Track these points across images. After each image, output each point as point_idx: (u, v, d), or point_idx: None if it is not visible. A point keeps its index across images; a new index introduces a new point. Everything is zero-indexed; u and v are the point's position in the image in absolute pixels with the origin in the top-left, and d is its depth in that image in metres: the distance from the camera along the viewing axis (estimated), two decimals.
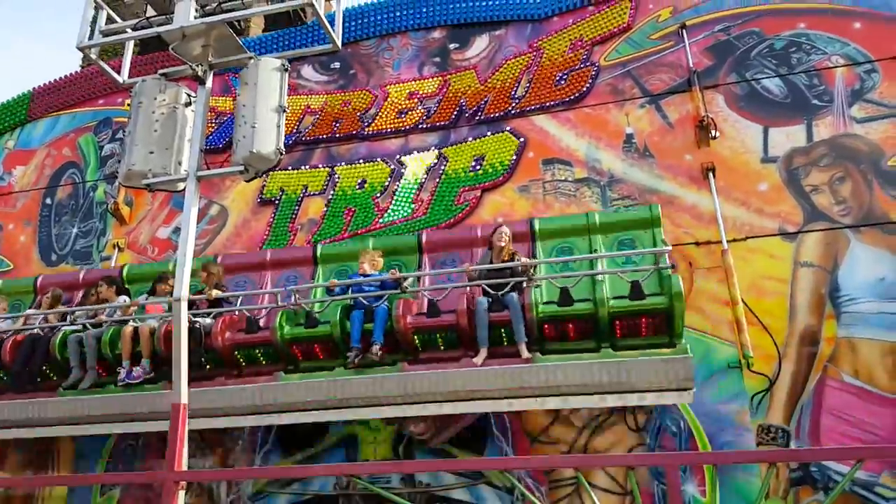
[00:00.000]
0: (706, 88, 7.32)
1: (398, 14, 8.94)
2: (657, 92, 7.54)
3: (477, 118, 8.08)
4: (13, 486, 7.31)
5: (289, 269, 7.20)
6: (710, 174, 6.95)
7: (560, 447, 6.31)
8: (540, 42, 8.19)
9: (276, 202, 8.42)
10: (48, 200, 9.60)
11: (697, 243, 6.79)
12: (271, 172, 8.26)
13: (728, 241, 6.65)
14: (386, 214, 7.89)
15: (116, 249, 8.78)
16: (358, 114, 8.62)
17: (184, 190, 4.70)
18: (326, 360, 6.24)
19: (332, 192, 8.21)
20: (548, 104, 7.84)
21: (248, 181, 4.97)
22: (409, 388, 5.71)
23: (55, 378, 6.82)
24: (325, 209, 8.14)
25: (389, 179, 8.07)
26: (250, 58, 4.72)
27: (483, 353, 5.67)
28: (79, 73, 10.61)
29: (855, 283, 6.34)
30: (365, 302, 6.05)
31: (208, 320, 6.28)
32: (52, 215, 9.46)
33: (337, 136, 8.58)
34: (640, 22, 7.89)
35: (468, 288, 6.05)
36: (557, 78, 7.92)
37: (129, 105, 9.51)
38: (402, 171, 8.07)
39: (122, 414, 6.24)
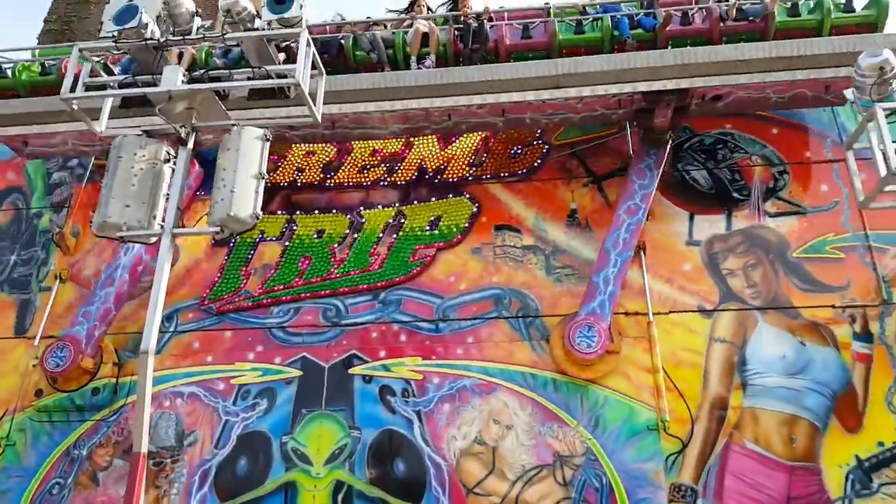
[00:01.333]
0: None
1: None
2: (600, 174, 8.35)
3: (437, 181, 8.69)
4: None
5: None
6: (642, 252, 7.74)
7: (493, 499, 6.83)
8: None
9: (231, 245, 8.54)
10: None
11: (626, 313, 7.53)
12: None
13: (654, 314, 7.41)
14: (342, 265, 8.32)
15: (57, 280, 8.65)
16: (321, 165, 9.08)
17: (155, 243, 4.97)
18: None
19: (289, 241, 8.56)
20: (502, 174, 8.54)
21: (220, 240, 5.29)
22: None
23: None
24: (281, 257, 8.48)
25: (348, 231, 8.53)
26: (233, 124, 5.06)
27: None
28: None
29: (760, 358, 7.18)
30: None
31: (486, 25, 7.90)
32: None
33: (298, 184, 8.99)
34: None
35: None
36: (512, 152, 8.65)
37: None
38: (362, 223, 8.56)
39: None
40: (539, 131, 8.68)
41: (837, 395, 6.94)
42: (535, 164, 8.50)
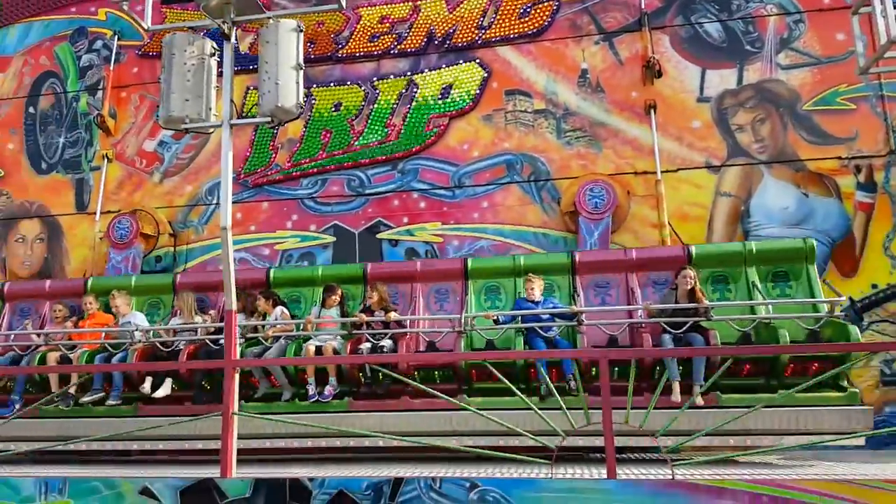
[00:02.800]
0: (654, 29, 8.04)
1: None
2: (611, 30, 8.23)
3: (446, 46, 8.67)
4: None
5: (437, 283, 6.82)
6: (652, 111, 7.83)
7: None
8: None
9: None
10: (31, 109, 9.92)
11: (636, 173, 7.80)
12: (250, 90, 8.94)
13: (662, 172, 7.66)
14: (361, 137, 8.61)
15: (105, 160, 9.29)
16: (332, 35, 9.07)
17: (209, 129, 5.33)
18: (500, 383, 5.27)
19: (309, 114, 8.83)
20: (511, 36, 8.47)
21: (271, 128, 5.63)
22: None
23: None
24: (304, 130, 8.79)
25: (363, 103, 8.72)
26: (269, 17, 5.21)
27: (676, 387, 5.37)
28: None
29: (763, 211, 7.51)
30: (541, 332, 5.83)
31: (388, 342, 6.00)
32: (37, 124, 9.82)
33: (311, 57, 9.04)
34: None
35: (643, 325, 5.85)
36: (521, 10, 8.50)
37: (104, 15, 9.86)
38: (376, 95, 8.71)
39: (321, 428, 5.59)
40: None
41: (837, 243, 7.30)
42: (546, 23, 8.38)
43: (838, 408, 5.30)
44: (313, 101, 8.87)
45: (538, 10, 8.45)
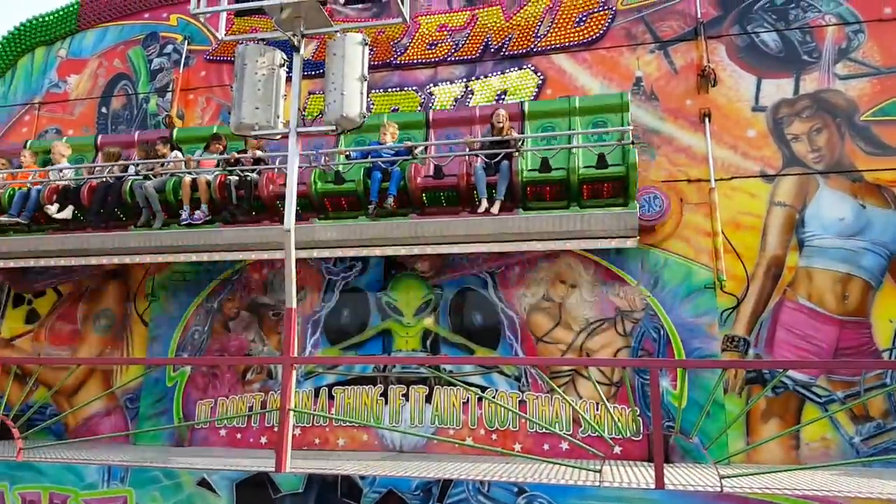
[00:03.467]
0: (710, 38, 8.11)
1: None
2: (666, 39, 8.33)
3: (502, 53, 8.88)
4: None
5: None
6: (707, 119, 7.89)
7: (560, 346, 7.67)
8: None
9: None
10: (104, 109, 10.47)
11: (689, 180, 7.85)
12: (312, 95, 9.29)
13: (716, 180, 7.70)
14: None
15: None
16: (391, 42, 9.37)
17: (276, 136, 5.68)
18: (350, 210, 7.87)
19: (367, 118, 9.10)
20: (567, 44, 8.63)
21: (336, 135, 6.10)
22: (418, 232, 7.36)
23: (125, 220, 8.47)
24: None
25: (420, 108, 8.98)
26: (337, 31, 5.51)
27: (485, 203, 7.19)
28: None
29: (819, 221, 7.47)
30: (382, 165, 7.54)
31: (255, 175, 7.82)
32: (108, 124, 10.36)
33: (371, 63, 9.31)
34: None
35: (467, 157, 7.52)
36: (577, 19, 8.66)
37: (175, 21, 10.36)
38: (432, 101, 8.96)
39: (186, 246, 7.93)
40: None
41: (894, 256, 7.23)
42: (601, 32, 8.53)
43: (616, 211, 7.02)
44: (371, 106, 9.16)
45: (594, 19, 8.60)
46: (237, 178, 7.88)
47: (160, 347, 8.72)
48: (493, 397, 7.43)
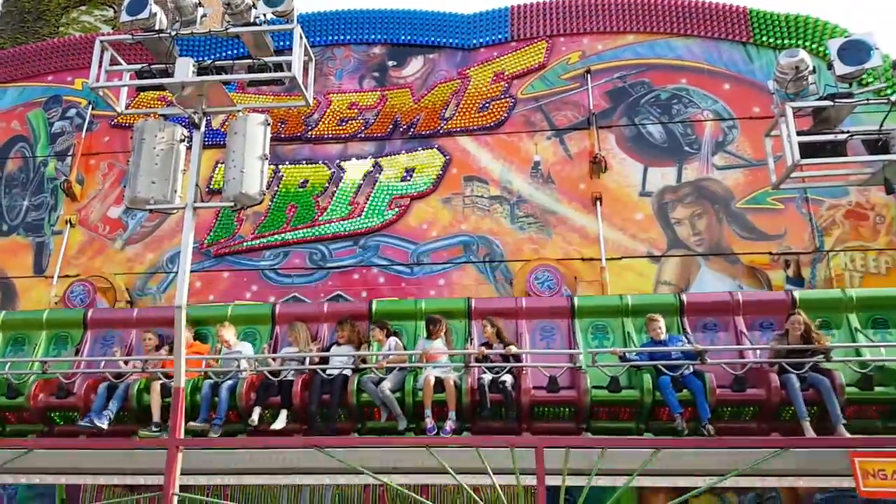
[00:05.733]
0: (601, 128, 8.71)
1: (343, 27, 9.85)
2: (562, 127, 8.89)
3: (410, 133, 9.20)
4: None
5: (542, 319, 7.00)
6: (598, 202, 8.39)
7: None
8: (468, 70, 9.35)
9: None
10: None
11: (583, 259, 8.26)
12: (220, 165, 9.27)
13: (606, 259, 8.14)
14: (325, 213, 8.95)
15: (68, 224, 9.39)
16: (302, 117, 9.54)
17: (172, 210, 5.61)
18: (627, 420, 6.18)
19: (276, 188, 9.17)
20: (471, 127, 9.06)
21: (234, 211, 5.96)
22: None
23: (345, 420, 6.41)
24: (270, 203, 9.10)
25: (329, 182, 9.12)
26: (238, 111, 5.62)
27: (807, 425, 5.63)
28: (27, 47, 10.96)
29: None
30: (666, 371, 5.94)
31: (509, 376, 6.08)
32: (1, 187, 9.93)
33: (282, 136, 9.47)
34: (553, 62, 9.18)
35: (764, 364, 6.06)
36: (481, 105, 9.14)
37: (80, 85, 10.16)
38: (342, 175, 9.12)
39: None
40: (507, 85, 9.15)
41: None
42: (503, 118, 9.01)
43: None
44: (281, 177, 9.23)
45: (496, 106, 9.10)
46: (488, 377, 6.10)
47: None
48: None
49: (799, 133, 5.51)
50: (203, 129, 5.65)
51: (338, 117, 9.44)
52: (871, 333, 6.46)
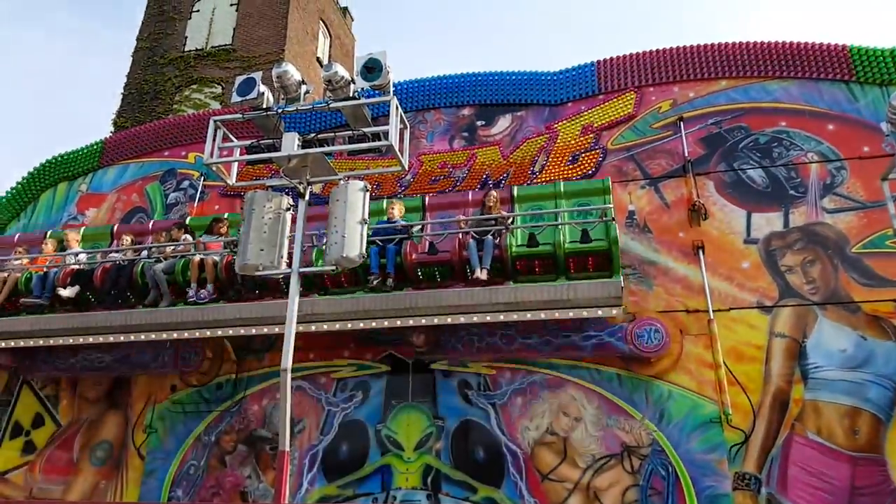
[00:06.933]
0: (698, 175, 8.46)
1: (433, 93, 10.18)
2: (656, 175, 8.70)
3: (500, 189, 9.25)
4: None
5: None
6: (700, 251, 8.07)
7: (566, 485, 7.42)
8: (556, 125, 9.39)
9: None
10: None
11: (688, 311, 7.90)
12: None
13: (714, 311, 7.75)
14: None
15: None
16: (397, 178, 9.82)
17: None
18: (350, 286, 8.18)
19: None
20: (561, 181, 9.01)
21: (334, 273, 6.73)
22: (413, 304, 7.64)
23: (134, 300, 8.76)
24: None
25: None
26: (340, 179, 5.88)
27: (477, 272, 7.51)
28: (146, 126, 11.94)
29: (821, 353, 7.41)
30: (380, 243, 7.91)
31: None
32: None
33: (378, 195, 9.74)
34: (643, 112, 9.08)
35: (460, 234, 7.91)
36: (570, 157, 9.11)
37: (193, 158, 10.90)
38: None
39: (192, 322, 8.13)
40: (596, 137, 9.11)
41: None
42: (593, 169, 8.93)
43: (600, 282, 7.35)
44: None
45: (586, 157, 9.04)
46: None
47: (155, 482, 8.50)
48: None
49: None
50: (307, 197, 5.89)
51: (430, 177, 9.65)
52: (577, 214, 8.18)
